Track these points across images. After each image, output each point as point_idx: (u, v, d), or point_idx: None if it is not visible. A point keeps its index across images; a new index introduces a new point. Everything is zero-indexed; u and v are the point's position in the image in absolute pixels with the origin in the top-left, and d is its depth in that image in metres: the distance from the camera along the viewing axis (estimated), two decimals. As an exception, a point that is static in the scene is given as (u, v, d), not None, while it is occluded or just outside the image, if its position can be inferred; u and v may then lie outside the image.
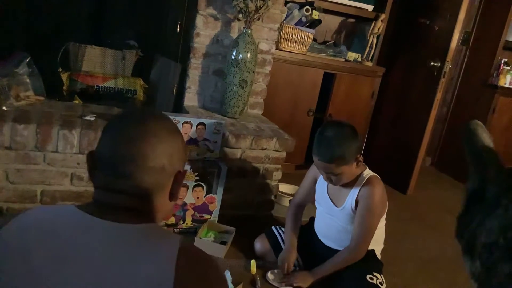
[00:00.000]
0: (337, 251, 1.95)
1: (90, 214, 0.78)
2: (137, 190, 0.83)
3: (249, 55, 2.53)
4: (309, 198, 2.11)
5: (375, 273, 1.89)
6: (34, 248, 0.74)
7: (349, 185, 1.88)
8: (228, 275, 1.87)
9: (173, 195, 0.91)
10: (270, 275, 1.97)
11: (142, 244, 0.75)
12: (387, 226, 2.03)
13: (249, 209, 2.54)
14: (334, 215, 1.96)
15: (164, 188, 0.88)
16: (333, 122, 1.84)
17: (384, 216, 1.95)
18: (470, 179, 0.68)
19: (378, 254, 2.01)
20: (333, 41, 3.61)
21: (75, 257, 0.73)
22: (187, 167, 2.17)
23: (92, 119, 2.25)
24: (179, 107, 2.74)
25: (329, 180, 1.86)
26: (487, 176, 0.65)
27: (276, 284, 1.94)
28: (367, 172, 1.90)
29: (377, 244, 1.98)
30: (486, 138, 0.69)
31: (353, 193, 1.87)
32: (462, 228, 0.67)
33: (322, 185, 1.99)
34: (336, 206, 1.94)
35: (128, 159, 0.82)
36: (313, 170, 2.04)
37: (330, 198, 1.97)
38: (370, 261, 1.92)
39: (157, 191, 0.86)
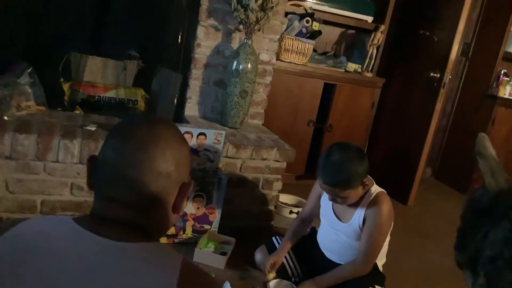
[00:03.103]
0: (339, 264, 1.94)
1: (88, 229, 0.74)
2: (140, 198, 0.79)
3: (249, 65, 2.54)
4: (315, 213, 2.09)
5: (376, 286, 1.88)
6: (25, 264, 0.70)
7: (356, 202, 1.86)
8: (228, 286, 1.86)
9: (176, 207, 0.86)
10: (272, 285, 1.96)
11: (142, 265, 0.72)
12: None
13: (249, 220, 2.54)
14: (339, 230, 1.94)
15: (168, 198, 0.83)
16: (339, 145, 1.81)
17: (391, 228, 1.94)
18: (481, 190, 0.68)
19: (380, 267, 2.00)
20: (333, 52, 3.62)
21: (70, 277, 0.69)
22: (188, 177, 2.17)
23: (93, 129, 2.26)
24: (179, 117, 2.74)
25: (334, 201, 1.85)
26: (501, 188, 0.65)
27: None
28: (375, 189, 1.87)
29: (380, 257, 1.96)
30: (493, 151, 0.70)
31: (361, 210, 1.85)
32: (466, 240, 0.66)
33: (327, 201, 1.95)
34: (342, 222, 1.92)
35: (135, 161, 0.78)
36: (317, 185, 2.01)
37: (336, 214, 1.95)
38: (372, 274, 1.90)
39: (160, 201, 0.82)
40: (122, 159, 0.79)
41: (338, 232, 1.94)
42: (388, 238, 1.96)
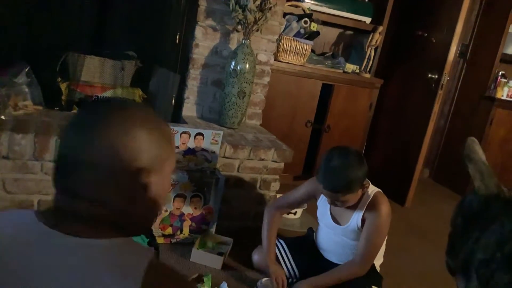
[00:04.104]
0: (337, 265, 1.94)
1: (49, 225, 0.70)
2: (91, 189, 0.74)
3: (247, 66, 2.54)
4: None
5: (373, 286, 1.88)
6: None
7: (354, 204, 1.85)
8: (225, 286, 1.86)
9: (157, 195, 0.78)
10: (260, 284, 1.95)
11: (105, 264, 0.67)
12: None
13: (247, 220, 2.54)
14: (336, 232, 1.94)
15: (126, 189, 0.76)
16: (339, 150, 1.79)
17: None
18: (471, 195, 0.68)
19: (377, 267, 2.00)
20: (331, 53, 3.63)
21: (30, 278, 0.65)
22: (185, 177, 2.17)
23: (90, 129, 2.25)
24: (177, 117, 2.74)
25: (333, 204, 1.84)
26: (491, 192, 0.65)
27: None
28: (372, 189, 1.87)
29: (377, 258, 1.96)
30: (482, 155, 0.70)
31: (359, 212, 1.85)
32: (457, 245, 0.66)
33: (324, 203, 1.95)
34: (340, 224, 1.92)
35: (76, 150, 0.73)
36: (311, 185, 2.00)
37: (333, 217, 1.95)
38: (369, 274, 1.90)
39: (117, 192, 0.75)
40: (67, 148, 0.76)
41: (336, 233, 1.94)
42: (385, 238, 1.96)
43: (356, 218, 1.86)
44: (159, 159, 0.78)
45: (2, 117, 2.12)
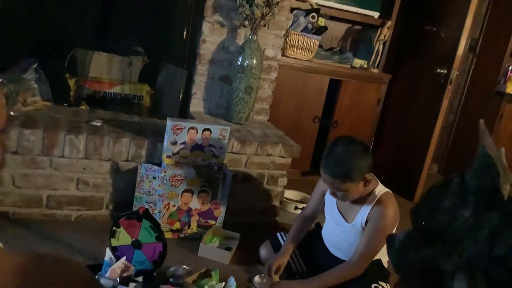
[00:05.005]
0: (343, 261, 1.93)
1: None
2: None
3: (255, 61, 2.54)
4: (319, 211, 2.09)
5: (380, 282, 1.86)
6: None
7: (360, 201, 1.83)
8: (232, 281, 1.87)
9: None
10: (257, 279, 1.94)
11: None
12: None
13: (254, 215, 2.54)
14: (344, 229, 1.93)
15: None
16: (345, 138, 1.80)
17: (395, 229, 1.92)
18: (485, 182, 0.65)
19: (385, 263, 1.98)
20: (339, 48, 3.61)
21: None
22: (192, 173, 2.17)
23: (99, 124, 2.27)
24: (185, 113, 2.75)
25: (334, 195, 1.83)
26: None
27: None
28: (380, 189, 1.85)
29: (384, 254, 1.94)
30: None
31: (364, 211, 1.83)
32: (464, 244, 0.63)
33: (331, 198, 1.93)
34: (346, 221, 1.91)
35: None
36: (321, 183, 2.00)
37: (340, 213, 1.93)
38: (376, 270, 1.89)
39: None
40: None
41: (343, 230, 1.94)
42: (393, 234, 1.94)
43: (361, 216, 1.84)
44: None
45: (12, 112, 2.14)
